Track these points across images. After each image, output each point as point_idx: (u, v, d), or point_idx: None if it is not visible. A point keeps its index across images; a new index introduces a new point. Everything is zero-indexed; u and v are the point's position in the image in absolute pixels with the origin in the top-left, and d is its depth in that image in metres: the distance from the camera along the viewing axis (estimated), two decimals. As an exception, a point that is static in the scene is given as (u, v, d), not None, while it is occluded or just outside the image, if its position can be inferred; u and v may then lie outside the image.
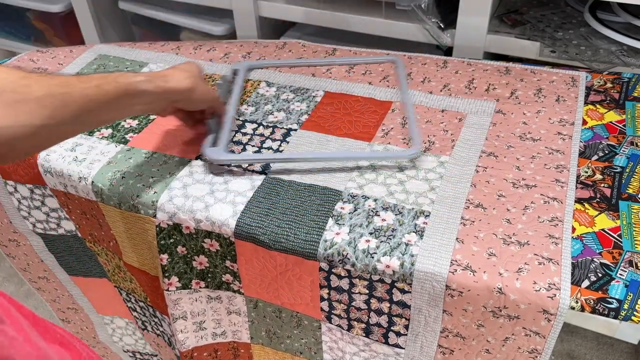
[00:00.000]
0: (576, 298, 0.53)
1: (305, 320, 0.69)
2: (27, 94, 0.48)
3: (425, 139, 0.72)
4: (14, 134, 0.47)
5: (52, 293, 0.99)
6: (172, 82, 0.63)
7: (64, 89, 0.51)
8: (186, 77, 0.65)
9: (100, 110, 0.56)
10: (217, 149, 0.70)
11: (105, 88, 0.55)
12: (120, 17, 1.40)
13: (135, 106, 0.60)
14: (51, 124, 0.50)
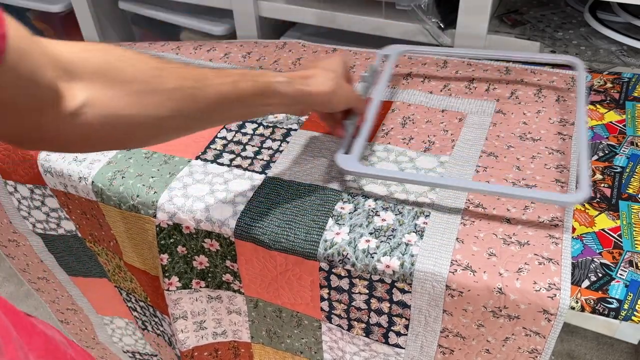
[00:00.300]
0: (576, 298, 0.53)
1: (305, 320, 0.69)
2: (158, 85, 0.46)
3: (425, 139, 0.72)
4: (137, 122, 0.46)
5: (52, 294, 0.99)
6: (313, 86, 0.59)
7: (198, 84, 0.49)
8: (329, 79, 0.61)
9: (232, 108, 0.54)
10: (350, 157, 0.64)
11: (242, 86, 0.53)
12: (120, 17, 1.40)
13: (269, 106, 0.58)
14: (178, 117, 0.49)
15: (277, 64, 0.92)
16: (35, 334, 0.36)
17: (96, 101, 0.42)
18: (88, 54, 0.43)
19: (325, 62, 0.64)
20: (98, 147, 0.47)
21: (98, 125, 0.43)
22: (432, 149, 0.70)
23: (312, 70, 0.62)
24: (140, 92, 0.45)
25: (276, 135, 0.75)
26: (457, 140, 0.71)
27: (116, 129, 0.45)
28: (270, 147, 0.73)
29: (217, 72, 0.52)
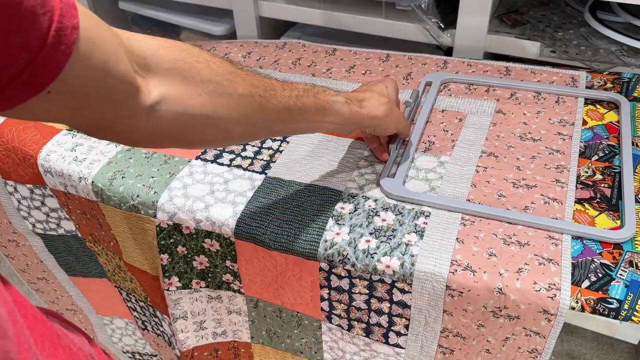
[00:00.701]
0: (576, 298, 0.53)
1: (305, 320, 0.69)
2: (231, 90, 0.46)
3: (425, 139, 0.72)
4: (209, 123, 0.46)
5: (51, 294, 0.99)
6: (367, 109, 0.60)
7: (266, 93, 0.50)
8: (382, 103, 0.62)
9: (293, 121, 0.54)
10: (394, 181, 0.65)
11: (304, 101, 0.54)
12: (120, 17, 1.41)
13: (324, 124, 0.58)
14: (245, 123, 0.49)
15: (277, 64, 0.92)
16: (60, 347, 0.35)
17: (171, 98, 0.42)
18: (165, 51, 0.42)
19: (379, 85, 0.65)
20: (168, 143, 0.47)
21: (172, 121, 0.43)
22: (432, 149, 0.70)
23: (367, 92, 0.63)
24: (214, 94, 0.45)
25: (276, 135, 0.75)
26: (457, 141, 0.71)
27: (188, 127, 0.45)
28: (270, 147, 0.73)
29: (283, 84, 0.52)
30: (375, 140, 0.70)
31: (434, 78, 0.82)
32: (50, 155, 0.74)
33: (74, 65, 0.33)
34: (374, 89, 0.64)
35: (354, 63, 0.90)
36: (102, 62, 0.36)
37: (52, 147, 0.75)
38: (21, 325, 0.30)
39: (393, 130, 0.66)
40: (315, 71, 0.89)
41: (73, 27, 0.33)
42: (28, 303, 0.34)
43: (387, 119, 0.63)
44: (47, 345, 0.34)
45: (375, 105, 0.61)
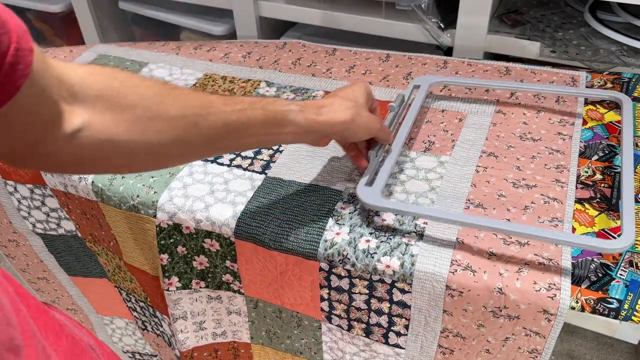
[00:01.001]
0: (576, 298, 0.53)
1: (305, 320, 0.69)
2: (161, 112, 0.45)
3: (425, 139, 0.72)
4: (137, 148, 0.45)
5: (52, 294, 0.99)
6: (327, 115, 0.57)
7: (203, 111, 0.48)
8: (346, 107, 0.58)
9: (239, 137, 0.53)
10: (372, 190, 0.61)
11: (250, 114, 0.51)
12: (120, 17, 1.41)
13: (281, 135, 0.55)
14: (180, 144, 0.48)
15: (277, 64, 0.92)
16: (63, 336, 0.36)
17: (94, 125, 0.42)
18: (93, 78, 0.42)
19: (345, 90, 0.62)
20: (93, 170, 0.47)
21: (95, 149, 0.43)
22: (432, 149, 0.70)
23: (330, 99, 0.60)
24: (143, 118, 0.44)
25: (276, 135, 0.75)
26: (457, 140, 0.71)
27: (114, 154, 0.44)
28: (270, 147, 0.73)
29: (225, 99, 0.51)
30: (352, 148, 0.66)
31: (422, 81, 0.79)
32: (50, 155, 0.73)
33: (27, 87, 0.34)
34: (338, 94, 0.61)
35: (354, 63, 0.90)
36: (42, 89, 0.37)
37: (52, 147, 0.74)
38: (24, 315, 0.30)
39: (365, 135, 0.62)
40: (315, 71, 0.89)
41: (29, 50, 0.34)
42: (30, 295, 0.34)
43: (353, 123, 0.59)
44: (50, 334, 0.34)
45: (337, 111, 0.58)
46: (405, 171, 0.67)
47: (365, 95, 0.63)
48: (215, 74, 0.90)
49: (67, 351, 0.35)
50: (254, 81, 0.87)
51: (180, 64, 0.94)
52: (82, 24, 1.37)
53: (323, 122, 0.57)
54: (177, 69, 0.93)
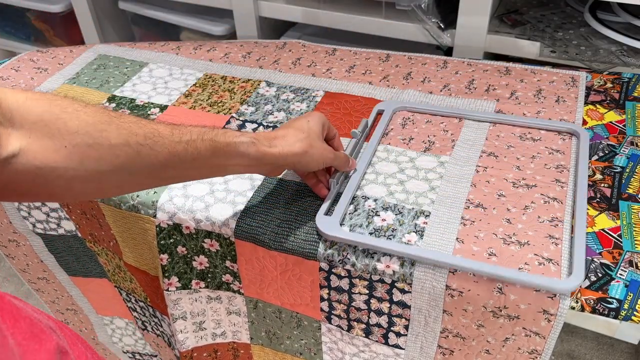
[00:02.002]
0: (576, 298, 0.53)
1: (305, 320, 0.69)
2: (101, 140, 0.44)
3: (425, 139, 0.72)
4: (75, 176, 0.44)
5: (52, 294, 0.99)
6: (279, 147, 0.56)
7: (147, 141, 0.47)
8: (299, 139, 0.57)
9: (185, 168, 0.51)
10: (330, 220, 0.61)
11: (198, 145, 0.50)
12: (120, 17, 1.41)
13: (229, 167, 0.55)
14: (121, 173, 0.46)
15: (277, 64, 0.92)
16: (20, 319, 0.35)
17: (31, 151, 0.41)
18: (32, 103, 0.42)
19: (300, 121, 0.61)
20: (30, 197, 0.46)
21: (30, 175, 0.42)
22: (432, 149, 0.70)
23: (283, 130, 0.59)
24: (83, 145, 0.43)
25: (276, 135, 0.75)
26: (457, 140, 0.71)
27: (50, 181, 0.43)
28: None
29: (172, 129, 0.49)
30: (311, 177, 0.65)
31: (385, 106, 0.77)
32: (50, 155, 0.73)
33: None
34: (292, 125, 0.60)
35: (354, 63, 0.90)
36: None
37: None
38: None
39: (318, 165, 0.61)
40: (315, 71, 0.89)
41: None
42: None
43: (306, 155, 0.58)
44: (7, 318, 0.34)
45: (289, 143, 0.57)
46: (405, 171, 0.67)
47: (319, 125, 0.61)
48: (215, 74, 0.90)
49: (26, 332, 0.35)
50: (254, 81, 0.87)
51: (180, 64, 0.94)
52: (82, 24, 1.37)
53: (275, 154, 0.56)
54: (177, 69, 0.93)
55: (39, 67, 0.94)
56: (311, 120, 0.61)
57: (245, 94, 0.85)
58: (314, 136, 0.60)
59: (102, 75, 0.92)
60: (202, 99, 0.84)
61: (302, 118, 0.62)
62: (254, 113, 0.80)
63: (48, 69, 0.94)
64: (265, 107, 0.81)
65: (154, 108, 0.83)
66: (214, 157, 0.52)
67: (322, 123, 0.62)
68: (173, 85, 0.88)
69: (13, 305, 0.36)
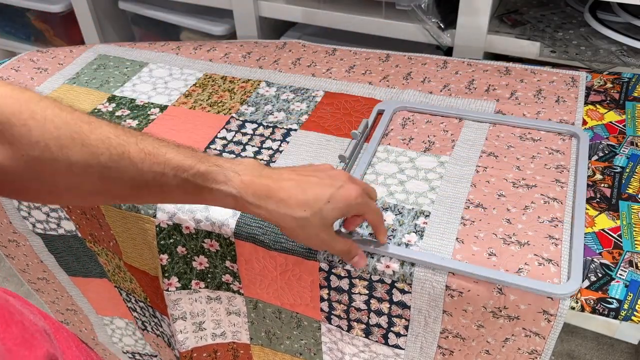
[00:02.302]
0: (576, 298, 0.53)
1: (305, 320, 0.69)
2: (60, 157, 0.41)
3: (425, 139, 0.72)
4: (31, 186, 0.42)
5: (52, 294, 0.99)
6: (268, 210, 0.48)
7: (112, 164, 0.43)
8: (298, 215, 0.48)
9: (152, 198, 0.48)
10: None
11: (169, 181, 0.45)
12: (120, 17, 1.40)
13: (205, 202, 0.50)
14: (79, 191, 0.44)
15: (277, 64, 0.92)
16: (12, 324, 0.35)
17: None
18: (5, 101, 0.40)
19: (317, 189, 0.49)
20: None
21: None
22: (432, 149, 0.70)
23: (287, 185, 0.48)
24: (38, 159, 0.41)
25: (276, 135, 0.75)
26: (457, 140, 0.71)
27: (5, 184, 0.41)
28: (270, 147, 0.73)
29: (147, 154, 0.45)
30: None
31: (386, 106, 0.77)
32: (50, 156, 0.73)
33: None
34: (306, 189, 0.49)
35: (354, 63, 0.90)
36: None
37: (51, 147, 0.74)
38: None
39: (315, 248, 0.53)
40: (315, 71, 0.89)
41: None
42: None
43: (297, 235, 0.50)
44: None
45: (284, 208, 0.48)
46: (405, 171, 0.67)
47: (338, 211, 0.49)
48: (215, 74, 0.90)
49: (17, 338, 0.34)
50: (254, 81, 0.87)
51: (180, 64, 0.94)
52: (82, 24, 1.37)
53: (262, 215, 0.49)
54: (177, 69, 0.93)
55: (39, 67, 0.94)
56: (332, 202, 0.49)
57: (245, 94, 0.84)
58: (319, 223, 0.49)
59: (102, 75, 0.92)
60: (202, 99, 0.84)
61: (325, 188, 0.49)
62: (254, 113, 0.80)
63: (48, 69, 0.94)
64: (265, 107, 0.81)
65: (154, 108, 0.83)
66: (186, 196, 0.48)
67: (346, 207, 0.50)
68: (173, 85, 0.88)
69: (6, 310, 0.35)
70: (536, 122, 0.72)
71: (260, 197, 0.48)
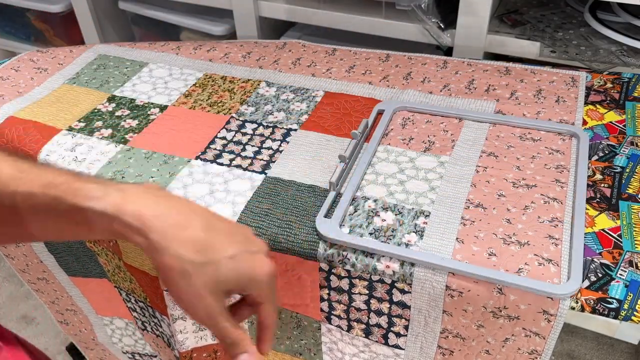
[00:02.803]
0: (576, 298, 0.53)
1: (304, 321, 0.69)
2: None
3: (425, 139, 0.72)
4: None
5: (51, 294, 0.99)
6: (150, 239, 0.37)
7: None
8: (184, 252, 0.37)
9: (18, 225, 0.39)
10: (330, 222, 0.60)
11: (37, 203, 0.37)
12: (120, 17, 1.41)
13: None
14: None
15: (277, 64, 0.92)
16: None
17: None
18: None
19: (230, 241, 0.39)
20: None
21: None
22: (432, 149, 0.70)
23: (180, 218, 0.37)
24: None
25: (276, 135, 0.75)
26: (457, 140, 0.71)
27: None
28: (270, 147, 0.73)
29: (16, 175, 0.37)
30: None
31: (386, 106, 0.77)
32: (50, 156, 0.73)
33: None
34: (210, 225, 0.38)
35: (354, 63, 0.90)
36: None
37: (52, 147, 0.75)
38: None
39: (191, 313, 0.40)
40: (315, 71, 0.89)
41: None
42: None
43: (173, 278, 0.37)
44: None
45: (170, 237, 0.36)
46: (405, 171, 0.67)
47: (239, 275, 0.38)
48: (215, 74, 0.90)
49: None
50: (254, 81, 0.87)
51: (180, 64, 0.94)
52: (82, 24, 1.37)
53: (138, 242, 0.37)
54: (177, 69, 0.93)
55: (39, 67, 0.94)
56: (237, 261, 0.38)
57: (245, 94, 0.84)
58: (209, 279, 0.37)
59: (102, 75, 0.92)
60: (202, 99, 0.84)
61: (234, 243, 0.39)
62: (253, 113, 0.80)
63: (48, 69, 0.94)
64: (265, 107, 0.81)
65: (154, 108, 0.83)
66: (58, 220, 0.38)
67: (250, 277, 0.39)
68: (173, 85, 0.88)
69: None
70: (536, 122, 0.72)
71: (144, 218, 0.36)
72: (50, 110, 0.82)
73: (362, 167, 0.67)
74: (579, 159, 0.66)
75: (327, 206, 0.63)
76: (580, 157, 0.66)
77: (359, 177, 0.66)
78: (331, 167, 0.69)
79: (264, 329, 0.43)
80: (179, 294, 0.37)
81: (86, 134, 0.77)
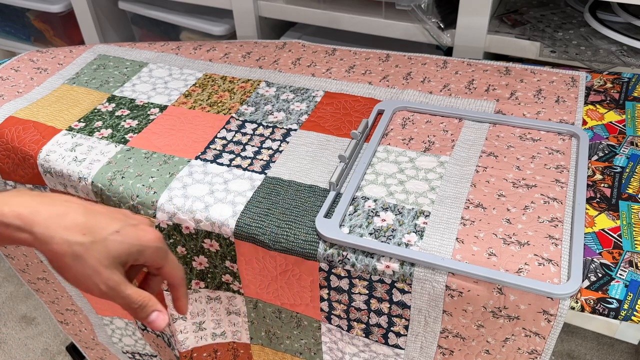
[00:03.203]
0: (576, 298, 0.53)
1: (305, 320, 0.69)
2: None
3: (425, 139, 0.72)
4: None
5: (51, 294, 0.99)
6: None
7: None
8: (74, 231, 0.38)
9: None
10: (330, 222, 0.60)
11: None
12: (120, 17, 1.41)
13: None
14: None
15: (277, 64, 0.92)
16: None
17: None
18: None
19: (110, 219, 0.40)
20: None
21: None
22: (432, 149, 0.70)
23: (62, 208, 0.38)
24: None
25: (276, 135, 0.75)
26: (457, 140, 0.71)
27: None
28: (270, 147, 0.73)
29: None
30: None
31: (386, 106, 0.77)
32: (50, 156, 0.74)
33: None
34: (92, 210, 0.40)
35: (354, 63, 0.90)
36: None
37: (51, 147, 0.75)
38: None
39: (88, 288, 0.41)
40: (315, 71, 0.89)
41: None
42: None
43: (65, 262, 0.38)
44: None
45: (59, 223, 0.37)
46: (405, 171, 0.67)
47: (128, 246, 0.41)
48: (215, 74, 0.90)
49: None
50: (254, 81, 0.87)
51: (180, 64, 0.94)
52: (82, 24, 1.37)
53: (23, 240, 0.38)
54: (177, 69, 0.93)
55: (38, 67, 0.94)
56: (122, 235, 0.40)
57: (245, 94, 0.84)
58: (101, 256, 0.39)
59: (102, 75, 0.92)
60: (201, 99, 0.84)
61: (115, 220, 0.41)
62: (253, 113, 0.80)
63: (48, 69, 0.94)
64: (265, 107, 0.81)
65: (154, 108, 0.83)
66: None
67: (138, 247, 0.41)
68: (173, 85, 0.88)
69: None
70: (536, 122, 0.72)
71: (22, 216, 0.37)
72: (50, 110, 0.82)
73: (362, 167, 0.67)
74: (579, 159, 0.66)
75: (327, 206, 0.63)
76: (580, 157, 0.66)
77: (359, 177, 0.66)
78: (331, 167, 0.69)
79: (173, 288, 0.45)
80: (76, 276, 0.39)
81: (86, 134, 0.77)
